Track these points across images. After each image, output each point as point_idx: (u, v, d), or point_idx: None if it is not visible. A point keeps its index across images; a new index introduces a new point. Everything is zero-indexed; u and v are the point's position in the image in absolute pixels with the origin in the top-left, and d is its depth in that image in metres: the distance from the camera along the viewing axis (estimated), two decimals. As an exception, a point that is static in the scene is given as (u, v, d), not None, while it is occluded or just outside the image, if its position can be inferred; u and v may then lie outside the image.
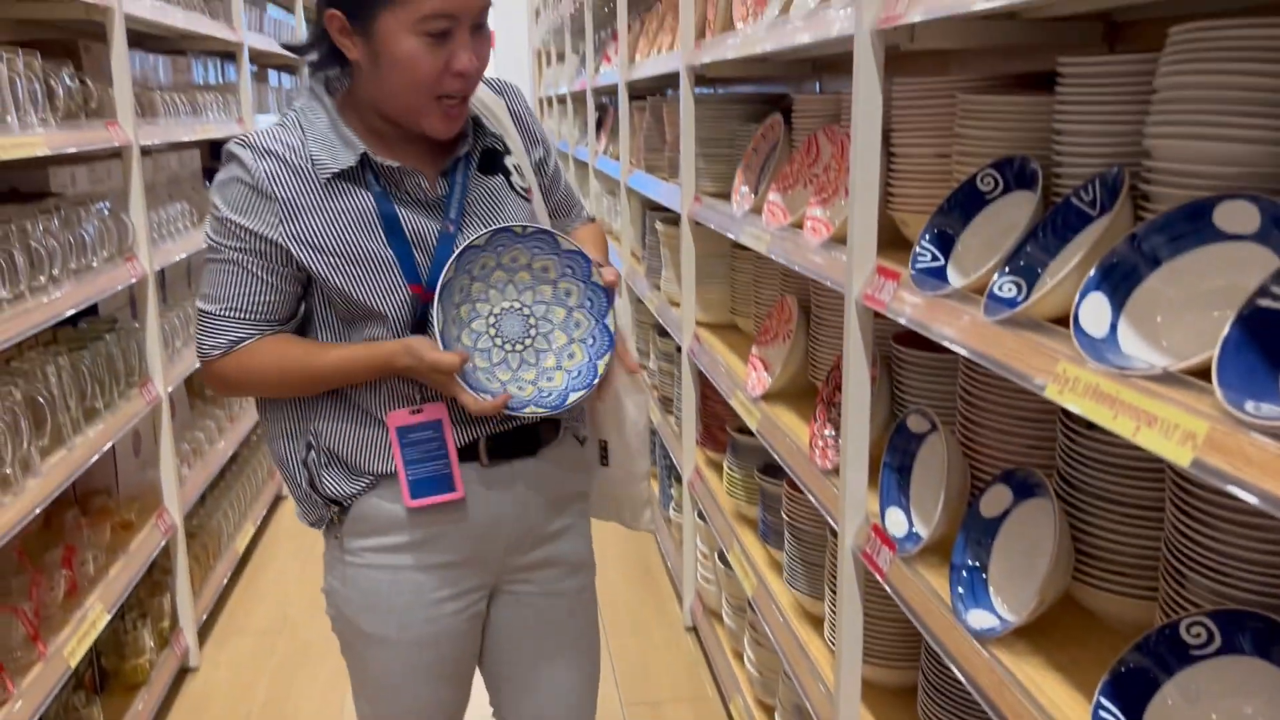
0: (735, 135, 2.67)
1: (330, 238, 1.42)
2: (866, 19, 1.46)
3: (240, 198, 1.41)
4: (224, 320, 1.44)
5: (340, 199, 1.43)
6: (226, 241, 1.43)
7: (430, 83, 1.38)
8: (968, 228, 1.41)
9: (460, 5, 1.35)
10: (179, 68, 3.78)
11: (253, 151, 1.41)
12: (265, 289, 1.44)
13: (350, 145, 1.43)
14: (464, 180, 1.50)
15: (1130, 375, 0.93)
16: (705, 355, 2.72)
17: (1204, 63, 1.04)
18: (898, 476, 1.58)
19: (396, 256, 1.44)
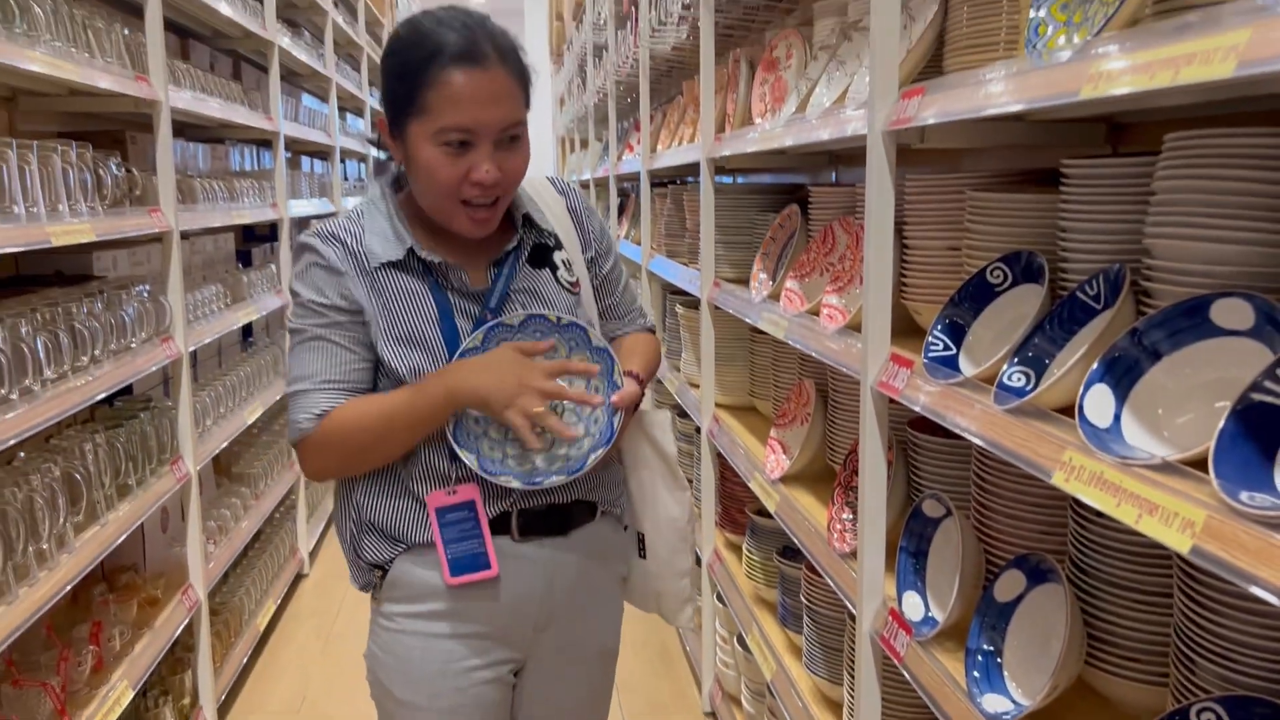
0: (753, 223, 2.75)
1: (387, 314, 1.52)
2: (879, 120, 1.53)
3: (317, 279, 1.51)
4: (314, 394, 1.51)
5: (392, 285, 1.53)
6: (309, 322, 1.52)
7: (450, 189, 1.47)
8: (978, 319, 1.46)
9: (476, 122, 1.43)
10: (217, 155, 3.93)
11: (321, 239, 1.53)
12: (349, 356, 1.52)
13: (400, 239, 1.53)
14: (510, 272, 1.58)
15: (1133, 465, 0.97)
16: (724, 437, 2.76)
17: (1198, 168, 1.10)
18: (914, 561, 1.61)
19: (445, 339, 1.52)
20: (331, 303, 1.51)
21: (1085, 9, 1.16)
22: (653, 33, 3.55)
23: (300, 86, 5.72)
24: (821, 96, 2.01)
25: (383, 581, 1.60)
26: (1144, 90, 0.91)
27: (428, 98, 1.43)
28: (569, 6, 7.23)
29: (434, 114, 1.43)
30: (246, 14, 3.76)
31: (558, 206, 1.68)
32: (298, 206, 4.54)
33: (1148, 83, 0.91)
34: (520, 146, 1.51)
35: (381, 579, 1.60)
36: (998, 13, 1.48)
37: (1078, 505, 1.31)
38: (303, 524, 4.37)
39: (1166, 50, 0.89)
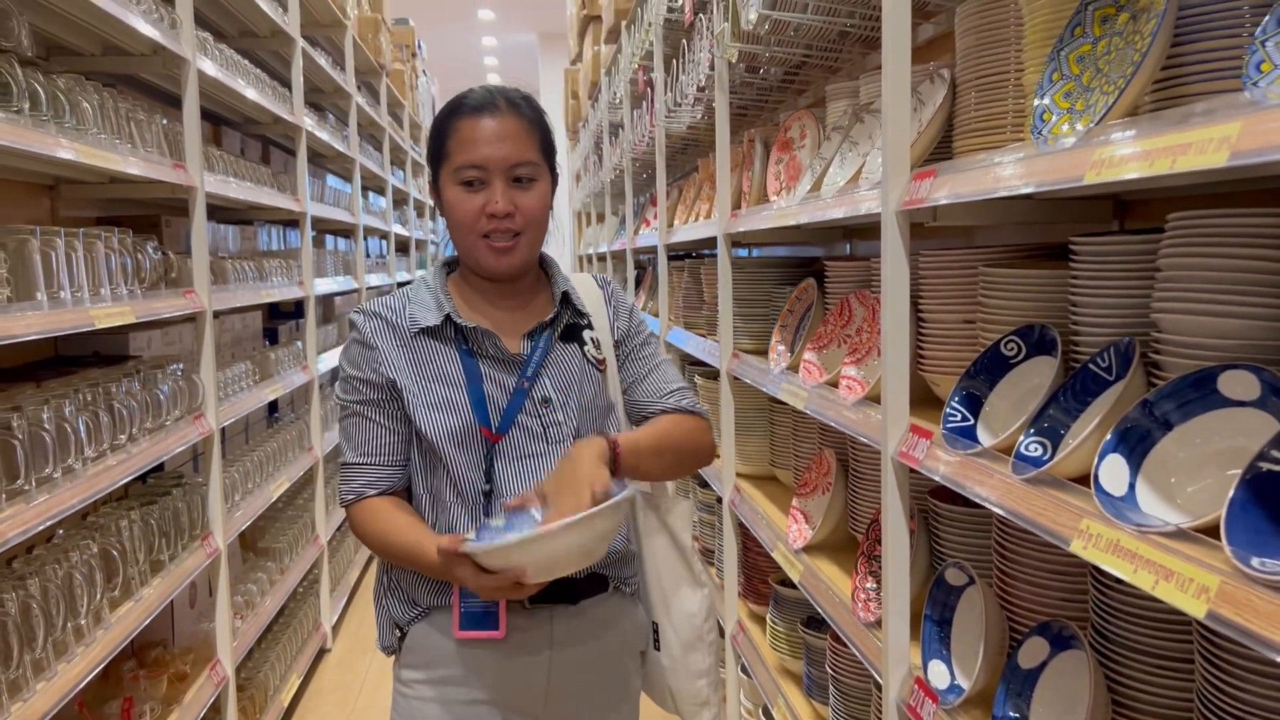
0: (771, 296, 2.81)
1: (414, 378, 1.62)
2: (892, 200, 1.59)
3: (356, 354, 1.66)
4: (355, 468, 1.65)
5: (427, 351, 1.64)
6: (350, 398, 1.66)
7: (470, 223, 1.62)
8: (994, 390, 1.50)
9: (484, 159, 1.59)
10: (246, 235, 4.04)
11: (364, 315, 1.67)
12: (384, 432, 1.64)
13: (440, 307, 1.65)
14: (546, 344, 1.67)
15: (1148, 532, 1.01)
16: (746, 507, 2.79)
17: (1201, 246, 1.16)
18: (938, 629, 1.63)
19: (472, 403, 1.61)
20: (365, 378, 1.64)
21: (1086, 97, 1.22)
22: (668, 113, 3.66)
23: (325, 167, 5.88)
24: (835, 175, 2.08)
25: (401, 645, 1.68)
26: (1144, 176, 0.96)
27: (448, 145, 1.62)
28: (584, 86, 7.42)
29: (453, 156, 1.61)
30: (276, 100, 3.89)
31: (595, 294, 1.79)
32: (323, 284, 4.64)
33: (1148, 169, 0.97)
34: (534, 188, 1.64)
35: (400, 641, 1.68)
36: (1004, 98, 1.55)
37: (1098, 572, 1.34)
38: (326, 598, 4.39)
39: (1165, 139, 0.95)
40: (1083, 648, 1.32)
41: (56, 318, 1.96)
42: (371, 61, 6.28)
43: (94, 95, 2.27)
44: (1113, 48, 1.20)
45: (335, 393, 1.71)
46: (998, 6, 1.55)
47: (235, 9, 3.79)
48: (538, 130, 1.66)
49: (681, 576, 1.75)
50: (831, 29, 2.33)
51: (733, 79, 2.87)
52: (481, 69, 16.14)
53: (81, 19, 2.53)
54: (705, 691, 1.77)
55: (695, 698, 1.76)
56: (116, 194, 2.90)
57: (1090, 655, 1.30)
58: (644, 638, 1.78)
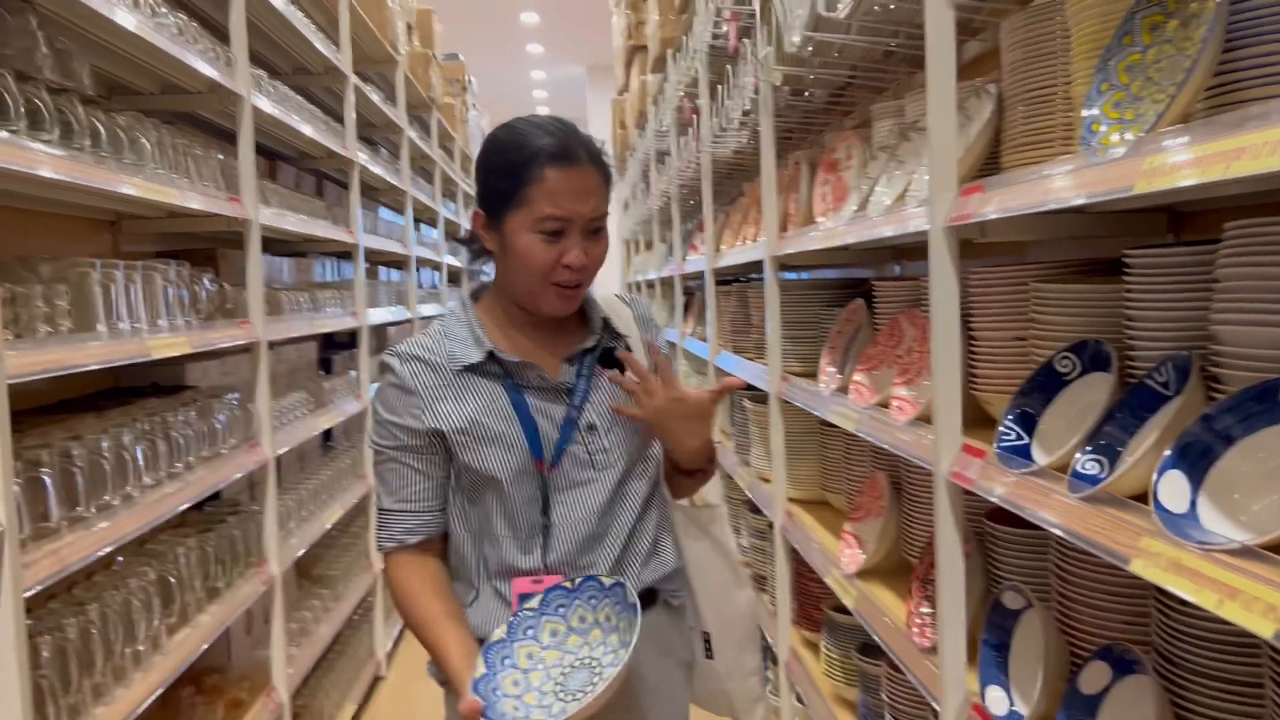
0: (819, 318, 2.79)
1: (464, 419, 1.59)
2: (939, 217, 1.58)
3: (393, 399, 1.61)
4: (392, 514, 1.63)
5: (472, 387, 1.61)
6: (385, 442, 1.62)
7: (544, 272, 1.58)
8: (1048, 407, 1.47)
9: (571, 213, 1.56)
10: (301, 267, 4.12)
11: (399, 359, 1.62)
12: (420, 478, 1.62)
13: (480, 343, 1.62)
14: (589, 370, 1.67)
15: (1211, 550, 0.98)
16: (798, 532, 2.75)
17: (1260, 254, 1.12)
18: (996, 654, 1.59)
19: (525, 435, 1.59)
20: (402, 423, 1.60)
21: (1137, 107, 1.20)
22: (714, 138, 3.67)
23: (377, 200, 5.98)
24: (882, 195, 2.07)
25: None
26: (1198, 183, 0.94)
27: (528, 192, 1.56)
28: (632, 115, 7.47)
29: (532, 206, 1.55)
30: (329, 135, 3.97)
31: (624, 314, 1.78)
32: (376, 315, 4.71)
33: (1200, 176, 0.94)
34: (602, 237, 1.63)
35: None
36: (1052, 111, 1.53)
37: (1161, 594, 1.30)
38: (380, 626, 4.41)
39: (1218, 145, 0.93)
40: (1147, 672, 1.28)
41: (115, 348, 2.01)
42: (422, 96, 6.38)
43: (152, 132, 2.33)
44: (1163, 55, 1.18)
45: (370, 437, 1.67)
46: (1044, 19, 1.53)
47: (290, 46, 3.88)
48: (609, 182, 1.65)
49: (728, 581, 1.76)
50: (876, 50, 2.33)
51: (777, 102, 2.87)
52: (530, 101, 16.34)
53: (142, 59, 2.60)
54: (758, 688, 1.80)
55: (750, 695, 1.79)
56: (175, 228, 2.97)
57: (1155, 680, 1.26)
58: (690, 649, 1.77)
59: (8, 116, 1.73)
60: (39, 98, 1.83)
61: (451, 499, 1.65)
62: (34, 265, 1.93)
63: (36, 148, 1.75)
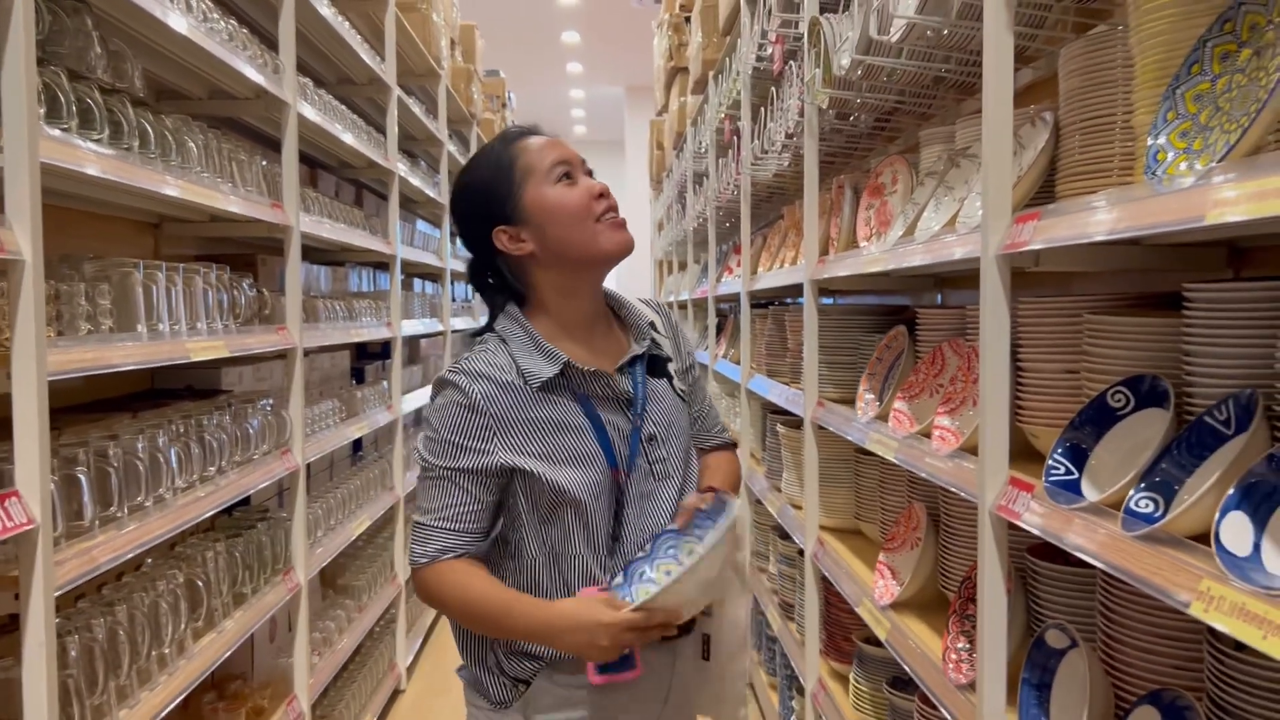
0: (858, 344, 2.76)
1: (543, 442, 1.57)
2: (992, 245, 1.55)
3: (459, 418, 1.56)
4: (433, 529, 1.58)
5: (548, 406, 1.58)
6: (439, 460, 1.57)
7: (584, 209, 1.62)
8: (1100, 442, 1.43)
9: (565, 155, 1.64)
10: (337, 276, 4.13)
11: (467, 377, 1.57)
12: (470, 500, 1.57)
13: (552, 357, 1.59)
14: (643, 378, 1.67)
15: (1278, 595, 0.94)
16: (829, 560, 2.71)
17: (1331, 292, 1.09)
18: (1037, 693, 1.55)
19: (603, 449, 1.59)
20: (466, 444, 1.55)
21: (1205, 137, 1.17)
22: (755, 160, 3.65)
23: (415, 213, 6.00)
24: (930, 221, 2.04)
25: (523, 696, 1.61)
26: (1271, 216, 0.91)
27: (522, 167, 1.62)
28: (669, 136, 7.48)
29: (534, 170, 1.62)
30: (370, 145, 3.99)
31: (657, 321, 1.78)
32: (410, 326, 4.72)
33: (1277, 208, 0.91)
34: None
35: (518, 695, 1.61)
36: (1110, 140, 1.50)
37: (1214, 639, 1.26)
38: (402, 638, 4.40)
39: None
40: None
41: (154, 349, 2.01)
42: (463, 110, 6.42)
43: (199, 135, 2.34)
44: (1234, 85, 1.15)
45: (420, 450, 1.62)
46: (1104, 47, 1.50)
47: (336, 57, 3.91)
48: None
49: (735, 587, 1.73)
50: (926, 75, 2.30)
51: (822, 126, 2.85)
52: (569, 120, 16.44)
53: (192, 63, 2.62)
54: (743, 691, 1.79)
55: (738, 698, 1.79)
56: (216, 232, 2.98)
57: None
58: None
59: (59, 115, 1.74)
60: (90, 97, 1.84)
61: (523, 519, 1.61)
62: (77, 264, 1.94)
63: (86, 146, 1.76)
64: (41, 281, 1.60)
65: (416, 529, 1.61)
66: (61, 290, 1.82)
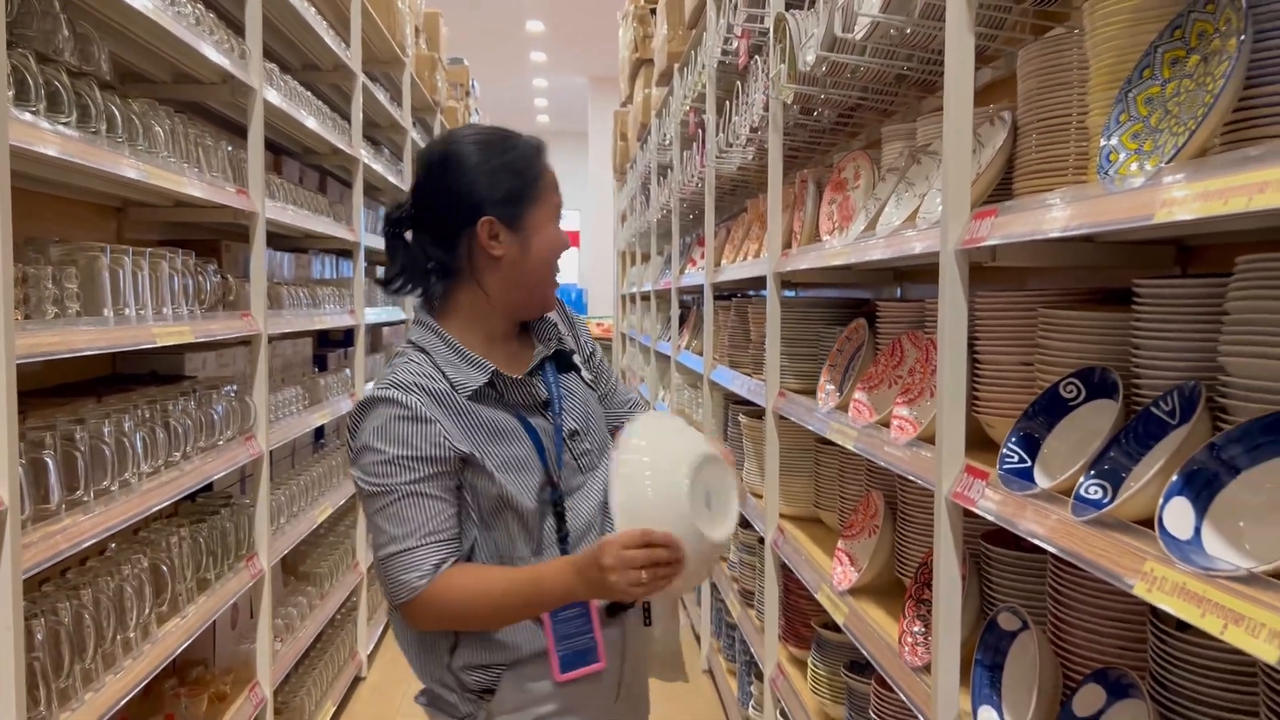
0: (819, 336, 2.81)
1: (483, 447, 1.54)
2: (951, 240, 1.59)
3: (406, 431, 1.50)
4: (419, 550, 1.50)
5: (481, 414, 1.56)
6: (398, 479, 1.50)
7: (560, 256, 1.65)
8: (1052, 432, 1.49)
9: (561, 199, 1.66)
10: (300, 263, 4.11)
11: (398, 389, 1.52)
12: (444, 506, 1.53)
13: (480, 365, 1.58)
14: (555, 379, 1.68)
15: (1216, 575, 0.99)
16: (789, 548, 2.77)
17: (1270, 288, 1.14)
18: (989, 674, 1.60)
19: (537, 453, 1.59)
20: (422, 455, 1.50)
21: (1155, 138, 1.22)
22: (719, 154, 3.69)
23: (378, 200, 5.97)
24: (891, 216, 2.09)
25: (487, 706, 1.60)
26: (1216, 215, 0.96)
27: (540, 185, 1.61)
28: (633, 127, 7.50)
29: (547, 197, 1.62)
30: (335, 132, 3.98)
31: (553, 316, 1.78)
32: (373, 314, 4.71)
33: (1222, 208, 0.96)
34: None
35: (484, 704, 1.61)
36: (1066, 140, 1.55)
37: (1157, 619, 1.32)
38: (363, 626, 4.40)
39: (1239, 178, 0.95)
40: (1142, 697, 1.30)
41: (120, 334, 2.01)
42: (427, 98, 6.40)
43: (166, 120, 2.33)
44: (1183, 90, 1.20)
45: (368, 481, 1.51)
46: (1061, 50, 1.55)
47: (301, 43, 3.89)
48: None
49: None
50: (889, 72, 2.35)
51: (786, 120, 2.89)
52: (532, 109, 16.39)
53: (158, 47, 2.61)
54: (680, 652, 1.87)
55: (674, 659, 1.86)
56: (180, 218, 2.97)
57: (1150, 705, 1.27)
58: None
59: (28, 98, 1.74)
60: (59, 80, 1.83)
61: (471, 527, 1.58)
62: (43, 247, 1.93)
63: (55, 129, 1.75)
64: (10, 264, 1.59)
65: (395, 559, 1.51)
66: (29, 274, 1.81)
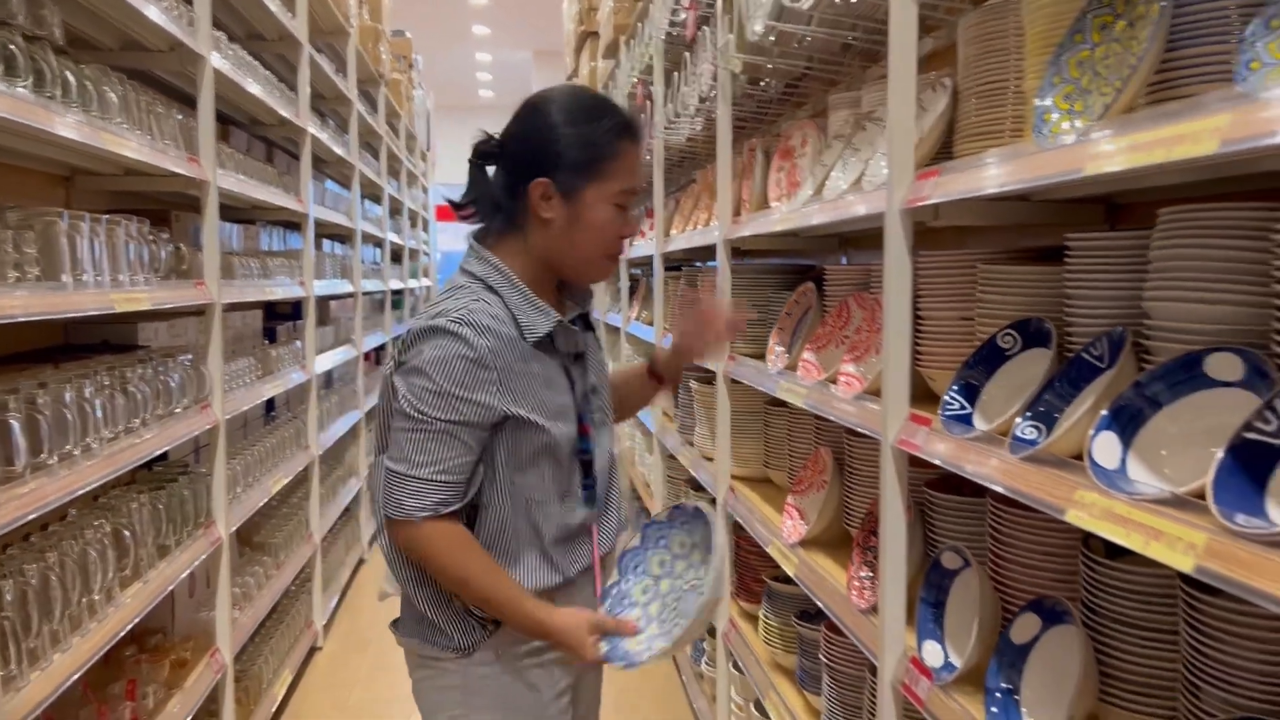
0: (769, 301, 2.89)
1: (535, 395, 1.61)
2: (896, 200, 1.67)
3: (465, 373, 1.55)
4: (430, 484, 1.56)
5: (539, 361, 1.63)
6: (439, 413, 1.55)
7: (613, 244, 1.67)
8: (991, 380, 1.58)
9: (640, 187, 1.66)
10: (249, 235, 4.10)
11: (472, 329, 1.55)
12: (468, 453, 1.58)
13: (546, 314, 1.64)
14: (585, 335, 1.76)
15: (1139, 499, 1.08)
16: (741, 506, 2.85)
17: (1190, 238, 1.24)
18: (933, 611, 1.70)
19: (575, 404, 1.67)
20: (472, 399, 1.55)
21: (1086, 99, 1.31)
22: (668, 125, 3.74)
23: (325, 172, 5.94)
24: (838, 180, 2.16)
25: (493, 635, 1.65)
26: (1140, 166, 1.04)
27: (612, 165, 1.62)
28: (580, 100, 7.50)
29: (615, 179, 1.63)
30: (283, 102, 3.96)
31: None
32: (322, 286, 4.70)
33: (1145, 159, 1.05)
34: None
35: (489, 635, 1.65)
36: (1003, 104, 1.63)
37: (1088, 549, 1.41)
38: (318, 596, 4.42)
39: (1159, 132, 1.03)
40: (1074, 622, 1.39)
41: (80, 298, 2.02)
42: (371, 70, 6.35)
43: (119, 86, 2.33)
44: (1110, 53, 1.29)
45: (412, 401, 1.56)
46: (998, 17, 1.63)
47: (245, 12, 3.86)
48: None
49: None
50: (835, 42, 2.42)
51: (735, 91, 2.95)
52: (474, 84, 16.24)
53: (105, 12, 2.59)
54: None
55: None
56: (129, 186, 2.95)
57: (1080, 629, 1.37)
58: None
59: (-16, 61, 1.74)
60: (13, 43, 1.83)
61: (499, 472, 1.62)
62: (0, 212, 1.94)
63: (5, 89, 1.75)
64: (-27, 227, 1.61)
65: (403, 479, 1.57)
66: (-13, 238, 1.81)
